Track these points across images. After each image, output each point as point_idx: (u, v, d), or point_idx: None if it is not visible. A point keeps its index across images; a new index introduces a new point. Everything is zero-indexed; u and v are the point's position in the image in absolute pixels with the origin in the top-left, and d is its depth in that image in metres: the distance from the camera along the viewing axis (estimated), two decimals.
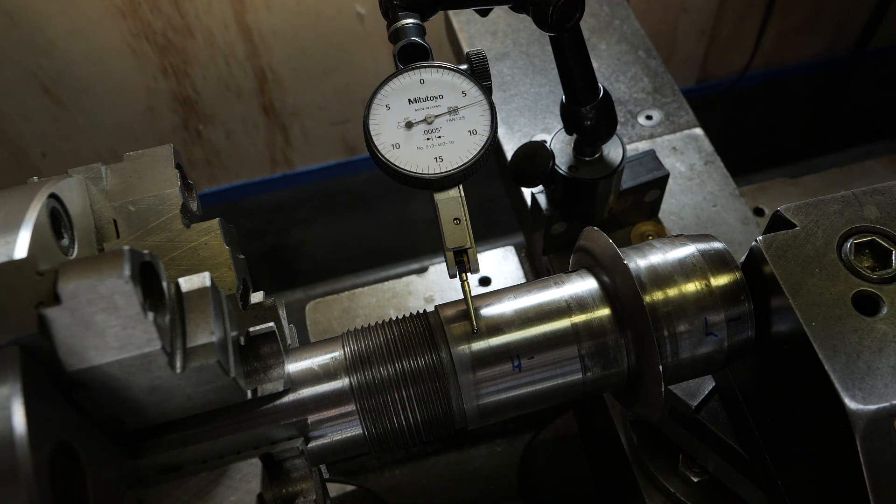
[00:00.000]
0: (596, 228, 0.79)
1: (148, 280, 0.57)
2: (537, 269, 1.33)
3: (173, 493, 0.64)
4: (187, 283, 0.62)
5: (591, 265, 0.80)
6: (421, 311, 0.79)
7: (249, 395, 0.68)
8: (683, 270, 0.75)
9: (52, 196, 0.63)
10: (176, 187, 0.75)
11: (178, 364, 0.58)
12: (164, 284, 0.59)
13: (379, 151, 0.74)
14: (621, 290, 0.73)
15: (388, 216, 2.65)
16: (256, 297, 0.79)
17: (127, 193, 0.75)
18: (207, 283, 0.63)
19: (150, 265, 0.58)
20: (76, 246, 0.67)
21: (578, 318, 0.75)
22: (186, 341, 0.60)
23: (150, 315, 0.55)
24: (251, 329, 0.70)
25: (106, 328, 0.53)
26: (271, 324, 0.70)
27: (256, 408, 0.70)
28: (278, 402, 0.71)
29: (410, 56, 0.79)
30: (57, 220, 0.64)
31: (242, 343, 0.70)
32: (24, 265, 0.52)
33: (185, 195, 0.76)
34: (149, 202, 0.75)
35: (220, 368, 0.60)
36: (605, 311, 0.75)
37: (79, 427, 0.57)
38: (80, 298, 0.51)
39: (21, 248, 0.55)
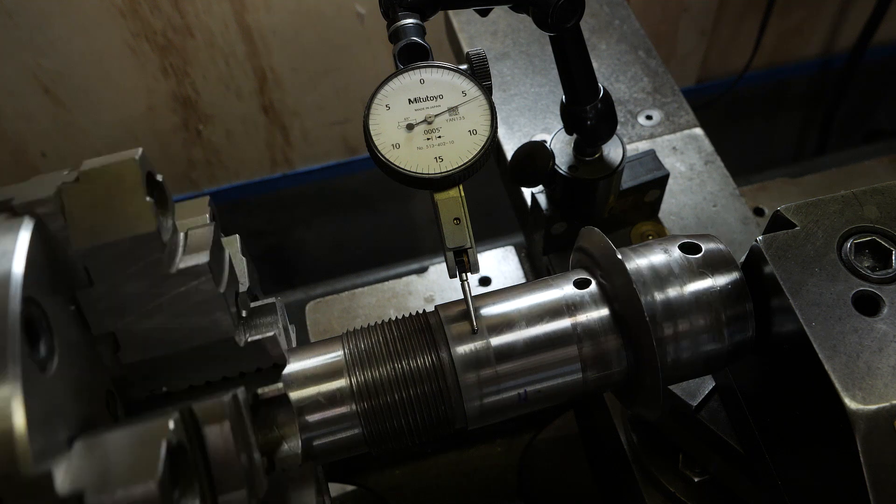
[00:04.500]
0: (594, 228, 0.79)
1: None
2: (537, 269, 1.33)
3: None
4: (203, 415, 0.60)
5: (589, 265, 0.80)
6: (421, 311, 0.79)
7: (242, 342, 0.68)
8: (683, 270, 0.75)
9: (28, 300, 0.52)
10: (153, 226, 0.60)
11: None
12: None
13: (379, 151, 0.74)
14: (620, 290, 0.73)
15: (388, 216, 2.65)
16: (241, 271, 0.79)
17: (93, 234, 0.60)
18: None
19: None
20: (56, 353, 0.55)
21: (578, 318, 0.75)
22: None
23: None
24: (260, 391, 0.70)
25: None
26: (280, 386, 0.70)
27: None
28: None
29: (410, 56, 0.79)
30: (34, 328, 0.53)
31: (251, 402, 0.69)
32: (40, 486, 0.47)
33: (162, 224, 0.63)
34: (122, 248, 0.60)
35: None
36: (604, 312, 0.75)
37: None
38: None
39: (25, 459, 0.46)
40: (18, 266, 0.52)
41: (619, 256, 0.73)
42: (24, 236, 0.54)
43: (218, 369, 0.69)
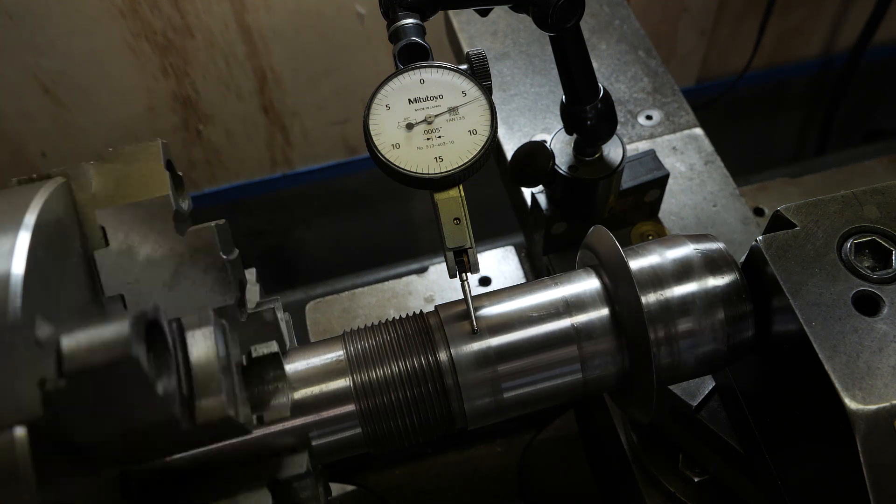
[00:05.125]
0: (602, 227, 0.79)
1: (152, 332, 0.54)
2: (537, 269, 1.33)
3: None
4: (189, 322, 0.60)
5: (594, 264, 0.80)
6: (421, 312, 0.79)
7: (255, 422, 0.67)
8: (683, 271, 0.75)
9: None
10: (167, 191, 0.70)
11: (187, 422, 0.57)
12: (168, 335, 0.57)
13: (379, 151, 0.74)
14: (621, 290, 0.73)
15: (388, 216, 2.64)
16: (252, 290, 0.79)
17: (115, 197, 0.70)
18: (211, 323, 0.60)
19: (155, 322, 0.56)
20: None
21: (578, 318, 0.75)
22: (195, 397, 0.58)
23: (160, 387, 0.53)
24: (253, 349, 0.69)
25: (115, 404, 0.52)
26: (273, 343, 0.70)
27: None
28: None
29: (410, 56, 0.79)
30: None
31: (244, 363, 0.69)
32: (22, 329, 0.49)
33: (176, 198, 0.72)
34: (138, 208, 0.70)
35: (229, 420, 0.59)
36: (604, 312, 0.75)
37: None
38: (88, 378, 0.49)
39: (14, 292, 0.51)
40: (38, 198, 0.60)
41: (625, 259, 0.73)
42: (46, 190, 0.62)
43: None
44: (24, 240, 0.55)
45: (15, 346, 0.48)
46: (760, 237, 0.73)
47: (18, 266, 0.53)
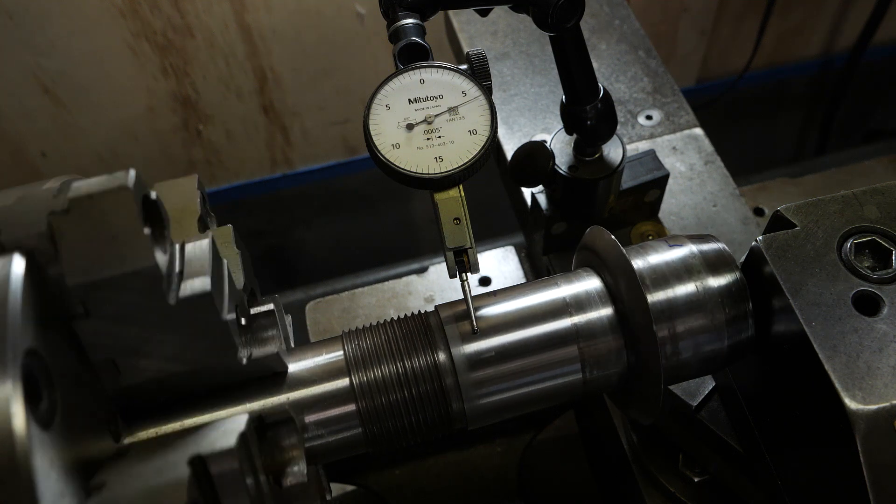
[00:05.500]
0: (601, 227, 0.79)
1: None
2: (537, 269, 1.33)
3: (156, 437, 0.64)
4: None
5: (594, 264, 0.80)
6: (421, 312, 0.79)
7: (244, 360, 0.67)
8: (683, 270, 0.75)
9: (28, 353, 0.49)
10: (151, 260, 0.58)
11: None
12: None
13: (379, 151, 0.74)
14: (625, 290, 0.73)
15: (388, 216, 2.65)
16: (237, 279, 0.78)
17: (88, 269, 0.56)
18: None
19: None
20: (59, 406, 0.52)
21: (579, 318, 0.75)
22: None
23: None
24: (266, 416, 0.70)
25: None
26: (270, 304, 0.71)
27: (256, 401, 0.70)
28: (278, 399, 0.71)
29: (410, 56, 0.79)
30: (34, 383, 0.50)
31: (243, 323, 0.69)
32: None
33: (159, 252, 0.60)
34: (119, 283, 0.58)
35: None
36: (607, 311, 0.75)
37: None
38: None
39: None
40: (14, 317, 0.49)
41: (628, 257, 0.73)
42: (16, 279, 0.51)
43: (218, 381, 0.69)
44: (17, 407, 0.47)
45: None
46: (760, 237, 0.73)
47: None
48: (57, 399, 0.52)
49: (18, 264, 0.52)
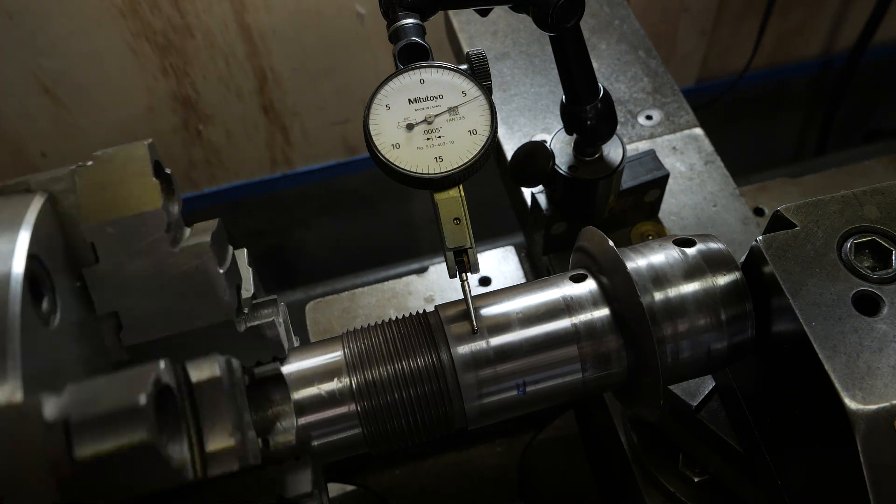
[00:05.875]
0: (594, 228, 0.79)
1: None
2: (537, 269, 1.33)
3: None
4: (198, 374, 0.60)
5: (589, 265, 0.80)
6: (421, 311, 0.79)
7: (261, 445, 0.68)
8: (683, 270, 0.75)
9: (31, 257, 0.55)
10: (158, 203, 0.64)
11: (198, 471, 0.57)
12: (177, 393, 0.57)
13: (379, 151, 0.74)
14: (620, 290, 0.73)
15: (388, 216, 2.65)
16: (246, 280, 0.79)
17: (102, 210, 0.64)
18: (217, 372, 0.60)
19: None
20: (58, 309, 0.58)
21: (578, 318, 0.75)
22: (205, 448, 0.58)
23: (173, 455, 0.53)
24: (257, 371, 0.70)
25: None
26: (276, 366, 0.70)
27: (257, 405, 0.70)
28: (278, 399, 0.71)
29: (410, 56, 0.79)
30: (37, 284, 0.56)
31: (247, 383, 0.69)
32: (28, 413, 0.47)
33: (168, 207, 0.66)
34: (129, 224, 0.64)
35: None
36: (604, 312, 0.75)
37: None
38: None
39: (14, 386, 0.48)
40: (26, 228, 0.56)
41: (620, 256, 0.73)
42: (35, 206, 0.59)
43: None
44: (18, 274, 0.53)
45: (23, 436, 0.47)
46: (760, 237, 0.73)
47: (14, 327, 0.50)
48: (57, 302, 0.58)
49: (39, 198, 0.60)
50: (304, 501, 0.69)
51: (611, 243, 0.75)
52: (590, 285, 0.77)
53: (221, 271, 0.67)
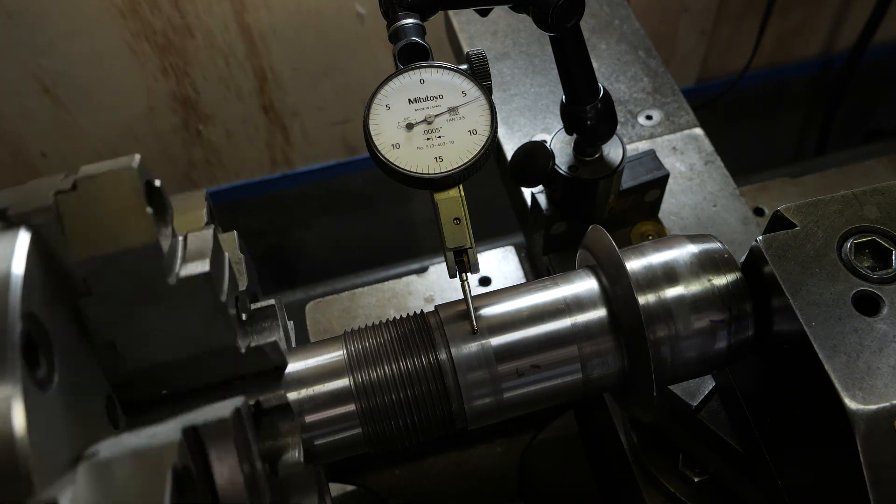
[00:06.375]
0: (599, 227, 0.79)
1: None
2: (537, 269, 1.33)
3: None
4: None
5: (592, 265, 0.80)
6: (421, 312, 0.79)
7: (243, 349, 0.68)
8: (683, 271, 0.75)
9: (25, 317, 0.51)
10: (153, 237, 0.59)
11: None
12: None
13: (379, 151, 0.74)
14: (618, 290, 0.73)
15: (388, 216, 2.65)
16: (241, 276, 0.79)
17: (92, 244, 0.58)
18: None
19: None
20: (56, 371, 0.53)
21: (578, 318, 0.75)
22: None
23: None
24: (262, 400, 0.69)
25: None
26: (271, 299, 0.71)
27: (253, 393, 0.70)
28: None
29: (410, 56, 0.79)
30: (32, 347, 0.52)
31: (244, 318, 0.69)
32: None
33: (162, 234, 0.61)
34: (121, 260, 0.59)
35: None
36: (602, 312, 0.75)
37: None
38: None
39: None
40: (16, 282, 0.50)
41: (622, 259, 0.73)
42: (21, 249, 0.53)
43: (218, 373, 0.69)
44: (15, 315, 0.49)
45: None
46: (760, 237, 0.73)
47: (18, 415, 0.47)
48: (55, 364, 0.54)
49: (24, 237, 0.54)
50: (279, 415, 0.70)
51: (613, 244, 0.75)
52: (591, 284, 0.77)
53: (222, 299, 0.64)
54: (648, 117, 1.33)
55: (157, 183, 0.62)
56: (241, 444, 0.58)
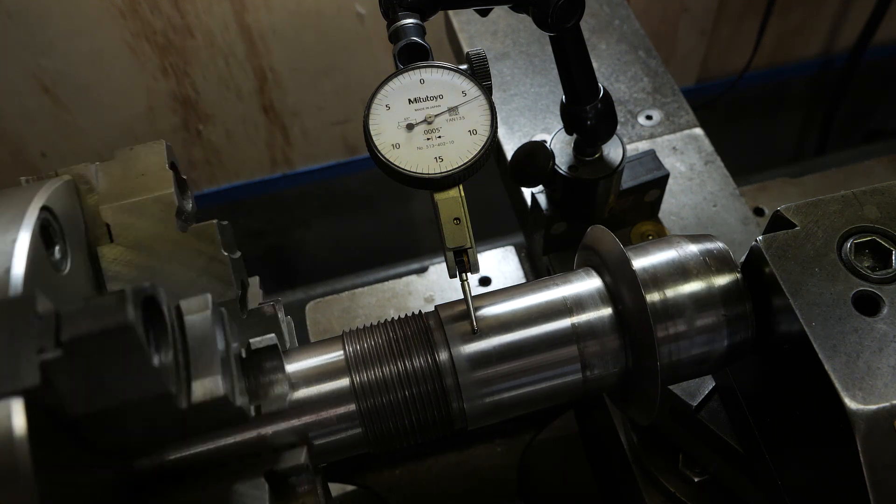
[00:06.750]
0: (602, 227, 0.79)
1: (149, 309, 0.55)
2: (537, 269, 1.33)
3: None
4: (188, 306, 0.61)
5: (595, 264, 0.80)
6: (421, 311, 0.79)
7: (252, 412, 0.67)
8: (683, 270, 0.75)
9: (44, 208, 0.61)
10: (171, 189, 0.72)
11: (184, 400, 0.57)
12: (166, 313, 0.57)
13: (379, 151, 0.74)
14: (625, 291, 0.73)
15: (388, 216, 2.65)
16: (254, 294, 0.79)
17: (119, 196, 0.72)
18: (209, 306, 0.61)
19: (153, 298, 0.56)
20: (69, 258, 0.64)
21: (579, 318, 0.75)
22: (191, 376, 0.58)
23: (156, 359, 0.53)
24: (252, 341, 0.69)
25: (110, 375, 0.52)
26: (272, 336, 0.70)
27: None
28: None
29: (410, 56, 0.79)
30: (49, 233, 0.62)
31: (244, 355, 0.69)
32: (23, 304, 0.49)
33: (179, 197, 0.73)
34: (143, 206, 0.72)
35: (226, 401, 0.59)
36: (606, 312, 0.75)
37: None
38: (84, 347, 0.49)
39: (15, 279, 0.54)
40: (45, 190, 0.62)
41: (629, 258, 0.73)
42: (55, 182, 0.65)
43: None
44: (26, 234, 0.57)
45: (15, 320, 0.49)
46: (760, 237, 0.73)
47: (20, 262, 0.55)
48: (68, 251, 0.64)
49: (61, 179, 0.68)
50: (295, 477, 0.69)
51: (619, 243, 0.75)
52: (592, 284, 0.77)
53: (227, 254, 0.71)
54: (648, 117, 1.33)
55: (149, 289, 0.58)
56: (217, 320, 0.62)
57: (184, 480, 0.67)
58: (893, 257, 0.69)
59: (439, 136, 0.74)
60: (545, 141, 1.06)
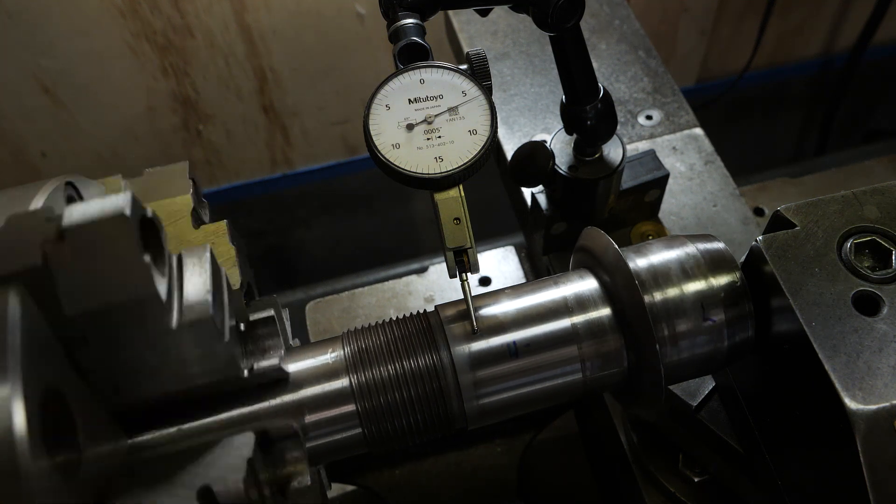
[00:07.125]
0: (596, 228, 0.79)
1: (149, 236, 0.58)
2: (537, 269, 1.33)
3: (164, 454, 0.65)
4: (189, 251, 0.64)
5: (591, 265, 0.80)
6: (421, 311, 0.79)
7: (246, 373, 0.67)
8: (683, 270, 0.75)
9: (69, 184, 0.65)
10: (188, 193, 0.79)
11: (174, 317, 0.58)
12: (164, 244, 0.60)
13: (379, 151, 0.74)
14: (622, 290, 0.73)
15: (388, 216, 2.65)
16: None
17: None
18: (208, 252, 0.64)
19: (152, 223, 0.58)
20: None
21: (578, 318, 0.75)
22: (183, 296, 0.61)
23: (147, 258, 0.55)
24: (250, 315, 0.71)
25: (105, 270, 0.54)
26: (270, 310, 0.71)
27: (256, 402, 0.70)
28: (278, 400, 0.71)
29: (410, 56, 0.79)
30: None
31: (242, 329, 0.70)
32: (37, 213, 0.53)
33: (196, 201, 0.80)
34: (162, 206, 0.78)
35: (213, 327, 0.60)
36: (605, 311, 0.75)
37: (74, 384, 0.56)
38: (83, 236, 0.52)
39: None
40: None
41: (622, 256, 0.73)
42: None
43: (219, 391, 0.69)
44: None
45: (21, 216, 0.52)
46: (760, 237, 0.73)
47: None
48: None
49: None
50: (285, 442, 0.70)
51: (613, 243, 0.75)
52: (591, 284, 0.77)
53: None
54: (648, 117, 1.33)
55: (149, 212, 0.58)
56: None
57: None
58: (893, 257, 0.69)
59: (439, 136, 0.74)
60: (545, 141, 1.06)
